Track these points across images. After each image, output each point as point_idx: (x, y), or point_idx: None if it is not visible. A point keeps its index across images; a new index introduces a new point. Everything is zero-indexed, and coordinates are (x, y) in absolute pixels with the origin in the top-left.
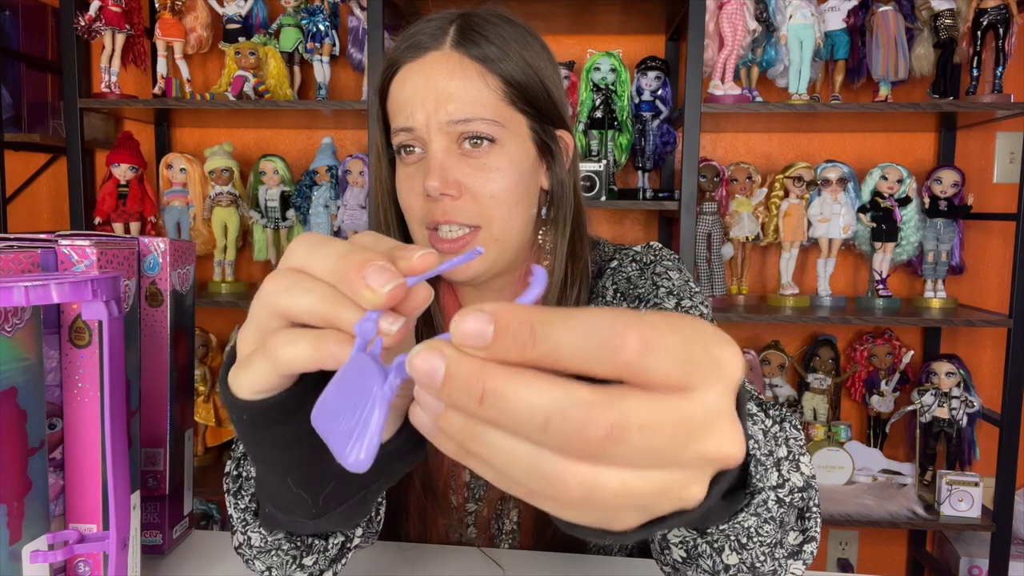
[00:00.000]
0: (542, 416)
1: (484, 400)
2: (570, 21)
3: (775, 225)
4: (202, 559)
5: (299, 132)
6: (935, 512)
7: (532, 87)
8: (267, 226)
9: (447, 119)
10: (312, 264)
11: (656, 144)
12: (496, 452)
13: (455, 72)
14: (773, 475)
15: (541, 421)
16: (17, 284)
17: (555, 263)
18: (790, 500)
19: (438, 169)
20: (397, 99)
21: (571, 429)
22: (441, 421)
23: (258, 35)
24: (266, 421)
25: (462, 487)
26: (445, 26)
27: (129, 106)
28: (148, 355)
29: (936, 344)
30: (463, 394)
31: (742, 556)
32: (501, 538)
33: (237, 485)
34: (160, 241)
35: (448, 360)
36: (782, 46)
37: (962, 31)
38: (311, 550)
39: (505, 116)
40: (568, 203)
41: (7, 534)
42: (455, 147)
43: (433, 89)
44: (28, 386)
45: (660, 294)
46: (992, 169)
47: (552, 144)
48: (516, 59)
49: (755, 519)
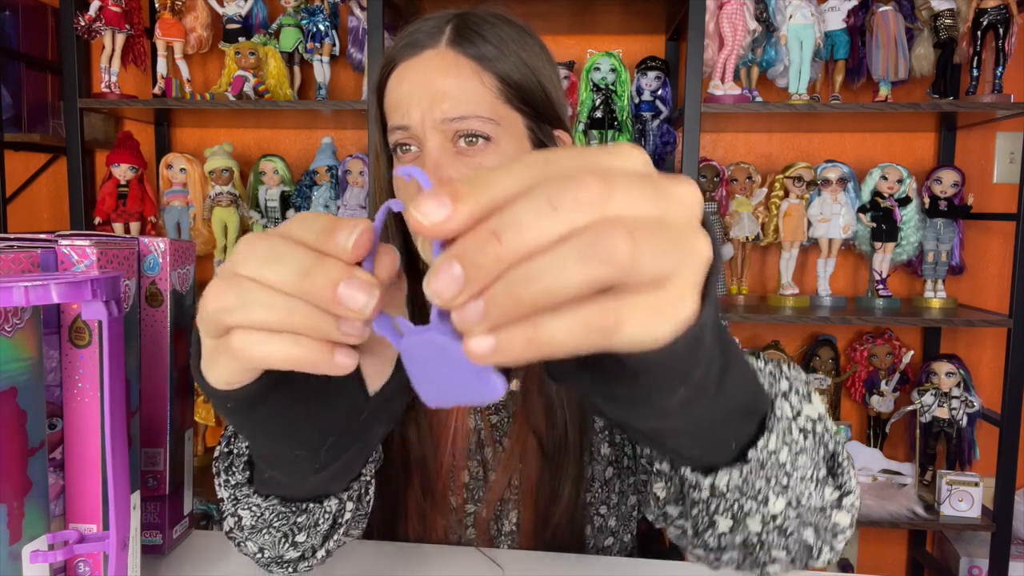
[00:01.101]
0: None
1: (499, 235)
2: (570, 21)
3: (775, 225)
4: (202, 559)
5: (299, 132)
6: (935, 512)
7: (529, 86)
8: (267, 226)
9: (442, 117)
10: (270, 277)
11: (656, 144)
12: (543, 280)
13: (450, 70)
14: (785, 405)
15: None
16: (17, 284)
17: None
18: (812, 428)
19: (433, 167)
20: (393, 97)
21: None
22: (490, 310)
23: (258, 35)
24: (250, 403)
25: (461, 488)
26: (442, 25)
27: (129, 106)
28: (148, 355)
29: (936, 344)
30: (479, 242)
31: (787, 497)
32: (500, 539)
33: (228, 462)
34: (160, 241)
35: (452, 215)
36: (782, 46)
37: (962, 31)
38: (301, 528)
39: (501, 114)
40: None
41: (7, 534)
42: (450, 145)
43: (428, 87)
44: (28, 386)
45: None
46: (992, 169)
47: (549, 143)
48: (513, 58)
49: (786, 450)
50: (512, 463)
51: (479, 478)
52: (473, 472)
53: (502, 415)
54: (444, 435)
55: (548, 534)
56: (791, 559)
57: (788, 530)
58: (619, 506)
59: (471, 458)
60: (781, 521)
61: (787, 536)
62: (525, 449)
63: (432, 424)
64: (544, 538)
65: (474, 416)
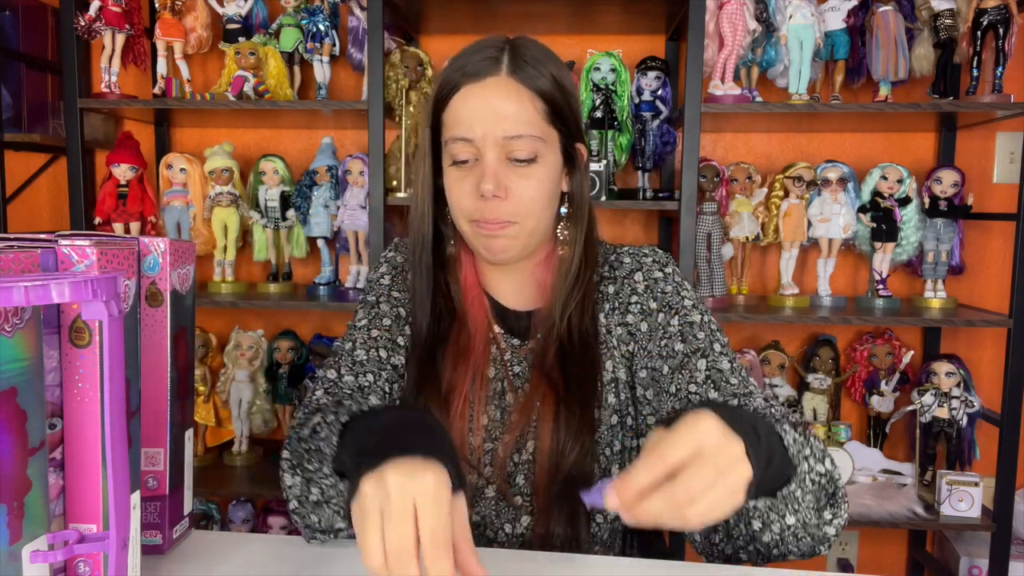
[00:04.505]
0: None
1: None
2: (570, 21)
3: (775, 225)
4: (202, 559)
5: (299, 132)
6: (935, 512)
7: (564, 106)
8: (267, 226)
9: (503, 135)
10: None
11: (656, 144)
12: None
13: (511, 96)
14: (805, 464)
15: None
16: (17, 284)
17: (573, 251)
18: (819, 481)
19: (492, 175)
20: (458, 113)
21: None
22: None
23: (258, 35)
24: None
25: (480, 429)
26: (498, 55)
27: (129, 106)
28: (148, 355)
29: (936, 344)
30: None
31: (797, 516)
32: (516, 470)
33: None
34: (160, 241)
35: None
36: (782, 46)
37: (962, 31)
38: None
39: (545, 132)
40: (585, 203)
41: (7, 534)
42: (504, 158)
43: (492, 110)
44: (28, 386)
45: (686, 305)
46: (992, 169)
47: (574, 155)
48: (553, 82)
49: (800, 490)
50: (531, 406)
51: (497, 420)
52: (492, 415)
53: (523, 365)
54: (462, 384)
55: (561, 465)
56: (800, 554)
57: (797, 536)
58: (621, 456)
59: (489, 403)
60: (793, 530)
61: (797, 540)
62: (544, 395)
63: (453, 379)
64: (562, 469)
65: (495, 367)
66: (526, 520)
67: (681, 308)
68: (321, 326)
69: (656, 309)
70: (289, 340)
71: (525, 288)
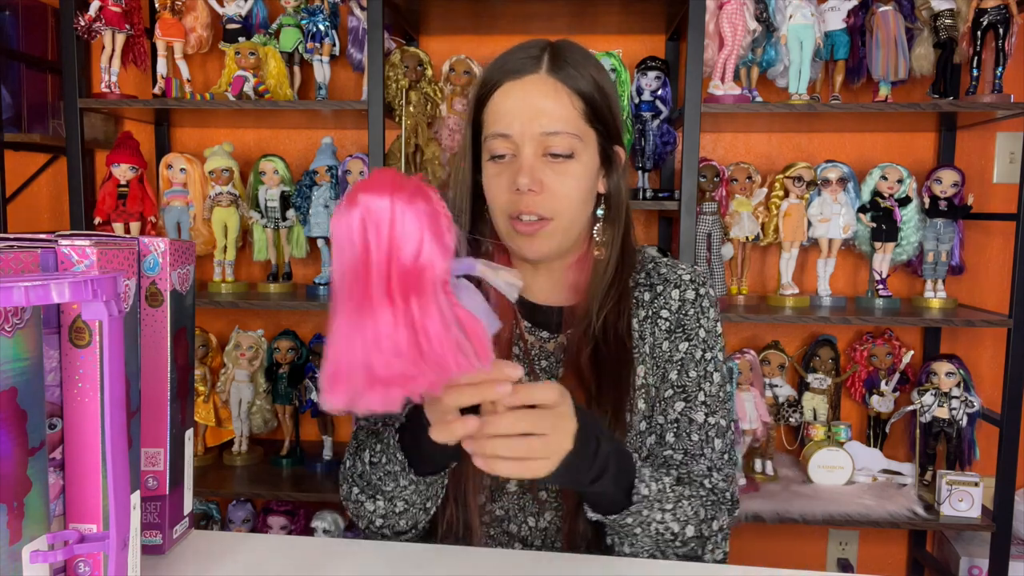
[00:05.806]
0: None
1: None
2: (570, 21)
3: (775, 225)
4: (202, 559)
5: (299, 132)
6: (935, 512)
7: (603, 107)
8: (267, 226)
9: (540, 131)
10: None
11: (656, 144)
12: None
13: (549, 93)
14: (657, 513)
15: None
16: (17, 284)
17: (609, 253)
18: (665, 535)
19: (529, 170)
20: (498, 109)
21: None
22: (487, 427)
23: (258, 35)
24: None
25: None
26: (539, 54)
27: (129, 106)
28: (148, 355)
29: (936, 344)
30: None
31: (633, 550)
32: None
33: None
34: (160, 241)
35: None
36: (782, 46)
37: (962, 31)
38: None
39: (583, 131)
40: (623, 206)
41: (7, 534)
42: (541, 154)
43: (531, 106)
44: (28, 386)
45: (700, 335)
46: (992, 169)
47: (612, 157)
48: (593, 83)
49: (640, 530)
50: None
51: None
52: None
53: (550, 360)
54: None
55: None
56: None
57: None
58: (647, 462)
59: None
60: (640, 554)
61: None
62: (574, 392)
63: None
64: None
65: (520, 361)
66: (549, 515)
67: (694, 338)
68: (321, 326)
69: (674, 329)
70: (289, 340)
71: (557, 287)
